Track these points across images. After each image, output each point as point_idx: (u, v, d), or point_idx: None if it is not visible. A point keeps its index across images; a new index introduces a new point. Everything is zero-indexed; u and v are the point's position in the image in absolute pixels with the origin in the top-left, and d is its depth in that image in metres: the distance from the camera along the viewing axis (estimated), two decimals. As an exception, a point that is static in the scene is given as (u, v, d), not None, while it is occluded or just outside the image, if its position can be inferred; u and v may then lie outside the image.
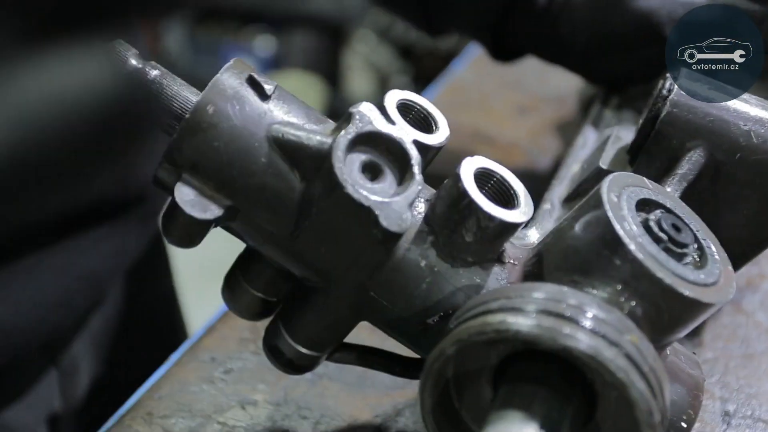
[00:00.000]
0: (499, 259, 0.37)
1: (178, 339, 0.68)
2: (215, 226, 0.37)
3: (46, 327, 0.53)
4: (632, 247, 0.33)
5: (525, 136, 0.81)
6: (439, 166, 0.41)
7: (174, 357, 0.50)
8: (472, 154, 0.83)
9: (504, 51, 0.65)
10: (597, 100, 0.59)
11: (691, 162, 0.41)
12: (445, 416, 0.36)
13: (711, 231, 0.41)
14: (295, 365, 0.40)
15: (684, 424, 0.37)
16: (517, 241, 0.40)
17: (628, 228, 0.33)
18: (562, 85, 0.80)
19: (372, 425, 0.45)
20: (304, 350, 0.40)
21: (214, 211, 0.35)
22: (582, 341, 0.30)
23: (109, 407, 0.47)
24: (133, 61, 0.37)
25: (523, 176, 0.49)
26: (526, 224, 0.41)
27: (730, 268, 0.35)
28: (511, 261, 0.38)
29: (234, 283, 0.41)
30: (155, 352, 0.53)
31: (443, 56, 2.31)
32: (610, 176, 0.36)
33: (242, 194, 0.36)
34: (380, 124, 0.36)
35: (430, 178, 0.38)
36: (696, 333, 0.53)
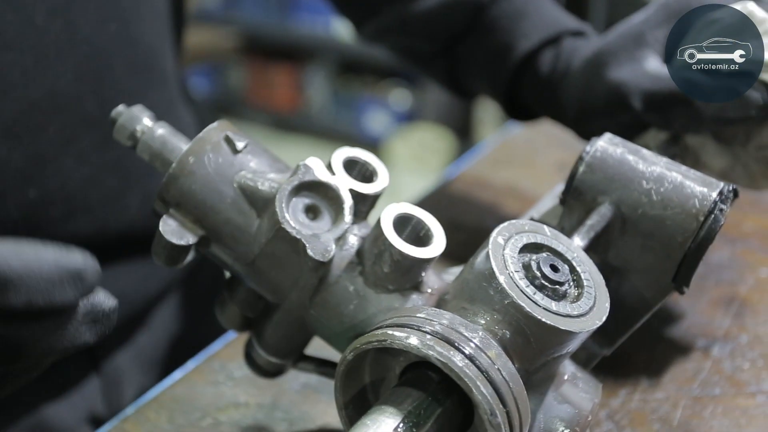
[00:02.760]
0: (418, 288, 0.45)
1: None
2: (196, 253, 0.47)
3: None
4: (501, 279, 0.40)
5: (558, 190, 0.87)
6: (466, 217, 0.47)
7: (192, 364, 0.60)
8: (500, 208, 0.90)
9: (518, 111, 0.73)
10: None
11: (599, 215, 0.47)
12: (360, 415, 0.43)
13: (622, 278, 0.47)
14: (264, 370, 0.50)
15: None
16: (448, 276, 0.48)
17: (502, 264, 0.40)
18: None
19: (339, 431, 0.53)
20: (270, 358, 0.49)
21: (189, 239, 0.45)
22: (435, 349, 0.37)
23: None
24: (147, 122, 0.48)
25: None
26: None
27: (606, 305, 0.41)
28: (429, 290, 0.45)
29: (222, 301, 0.50)
30: None
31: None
32: (506, 223, 0.43)
33: (212, 226, 0.46)
34: (320, 174, 0.45)
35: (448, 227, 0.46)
36: (655, 373, 0.58)
